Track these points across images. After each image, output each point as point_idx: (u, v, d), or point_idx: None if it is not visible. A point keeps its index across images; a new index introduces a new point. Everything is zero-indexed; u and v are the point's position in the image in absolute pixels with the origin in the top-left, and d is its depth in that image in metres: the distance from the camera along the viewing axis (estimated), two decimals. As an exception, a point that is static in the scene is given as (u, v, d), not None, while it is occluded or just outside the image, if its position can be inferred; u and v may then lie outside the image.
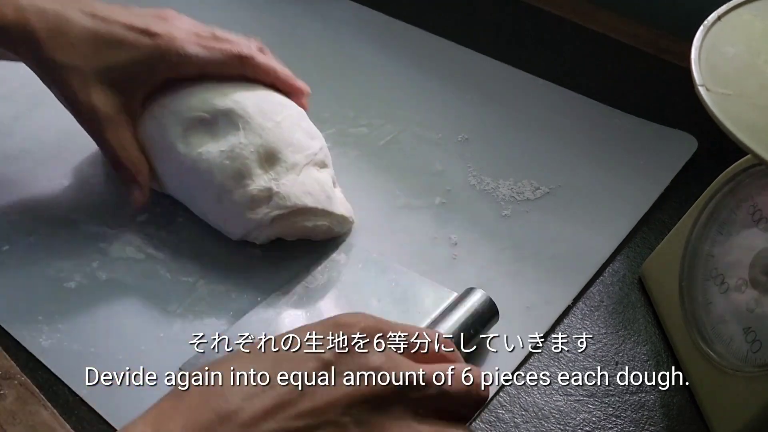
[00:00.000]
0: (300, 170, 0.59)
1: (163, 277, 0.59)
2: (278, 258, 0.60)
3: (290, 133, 0.60)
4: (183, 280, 0.59)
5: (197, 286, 0.58)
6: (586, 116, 0.74)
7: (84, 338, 0.55)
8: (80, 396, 0.52)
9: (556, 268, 0.60)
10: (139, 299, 0.57)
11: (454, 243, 0.62)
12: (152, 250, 0.61)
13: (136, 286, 0.58)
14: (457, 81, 0.78)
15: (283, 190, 0.58)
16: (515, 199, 0.66)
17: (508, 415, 0.52)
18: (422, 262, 0.61)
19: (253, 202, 0.58)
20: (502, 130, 0.72)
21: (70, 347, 0.54)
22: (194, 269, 0.59)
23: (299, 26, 0.84)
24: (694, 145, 0.70)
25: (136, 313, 0.56)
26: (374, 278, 0.59)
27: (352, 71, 0.79)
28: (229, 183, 0.58)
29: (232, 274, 0.59)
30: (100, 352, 0.54)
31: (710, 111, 0.44)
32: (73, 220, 0.62)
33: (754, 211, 0.51)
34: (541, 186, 0.67)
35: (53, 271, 0.58)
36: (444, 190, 0.66)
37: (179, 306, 0.57)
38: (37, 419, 0.51)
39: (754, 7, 0.50)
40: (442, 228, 0.63)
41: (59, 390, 0.52)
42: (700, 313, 0.53)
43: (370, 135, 0.72)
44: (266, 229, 0.58)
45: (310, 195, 0.58)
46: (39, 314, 0.56)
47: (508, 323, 0.56)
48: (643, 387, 0.54)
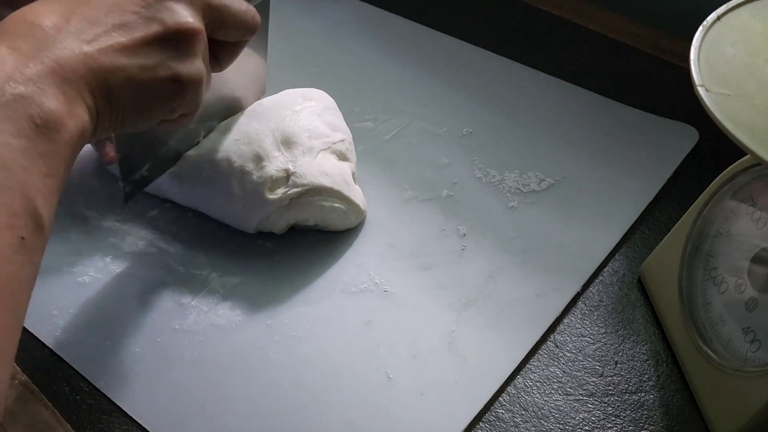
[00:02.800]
0: (316, 154, 0.60)
1: (176, 270, 0.59)
2: (288, 251, 0.61)
3: (309, 121, 0.62)
4: (196, 273, 0.59)
5: (210, 279, 0.59)
6: (588, 109, 0.75)
7: (100, 331, 0.55)
8: (98, 388, 0.52)
9: (563, 257, 0.61)
10: (153, 292, 0.58)
11: (463, 234, 0.63)
12: (164, 244, 0.61)
13: (150, 280, 0.59)
14: (461, 76, 0.78)
15: (300, 169, 0.59)
16: (521, 190, 0.66)
17: (508, 414, 0.53)
18: (432, 253, 0.61)
19: (273, 183, 0.59)
20: (506, 124, 0.73)
21: (86, 340, 0.55)
22: (206, 262, 0.60)
23: (303, 23, 0.85)
24: (696, 136, 0.71)
25: (150, 306, 0.57)
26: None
27: (357, 68, 0.79)
28: (248, 165, 0.59)
29: (244, 266, 0.60)
30: (116, 344, 0.54)
31: (709, 111, 0.44)
32: (85, 216, 0.62)
33: (753, 211, 0.52)
34: (547, 177, 0.67)
35: (67, 267, 0.59)
36: (450, 183, 0.67)
37: (193, 298, 0.57)
38: (37, 419, 0.51)
39: (754, 8, 0.50)
40: (450, 220, 0.64)
41: (60, 390, 0.53)
42: (699, 313, 0.54)
43: (375, 130, 0.72)
44: (285, 213, 0.59)
45: (326, 175, 0.60)
46: (54, 309, 0.56)
47: (518, 311, 0.57)
48: (643, 387, 0.54)
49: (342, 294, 0.58)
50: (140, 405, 0.52)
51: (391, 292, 0.58)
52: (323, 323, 0.56)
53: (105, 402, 0.52)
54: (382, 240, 0.62)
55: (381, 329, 0.56)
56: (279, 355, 0.54)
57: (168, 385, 0.53)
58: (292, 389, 0.53)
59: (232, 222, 0.61)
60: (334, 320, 0.56)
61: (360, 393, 0.52)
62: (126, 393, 0.52)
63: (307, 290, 0.58)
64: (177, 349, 0.54)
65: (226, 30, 0.48)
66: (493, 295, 0.58)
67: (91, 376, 0.53)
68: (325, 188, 0.59)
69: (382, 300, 0.58)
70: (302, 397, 0.52)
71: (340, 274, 0.60)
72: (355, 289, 0.58)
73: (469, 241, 0.62)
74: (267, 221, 0.60)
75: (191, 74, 0.45)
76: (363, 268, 0.60)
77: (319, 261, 0.60)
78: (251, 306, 0.57)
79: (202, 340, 0.55)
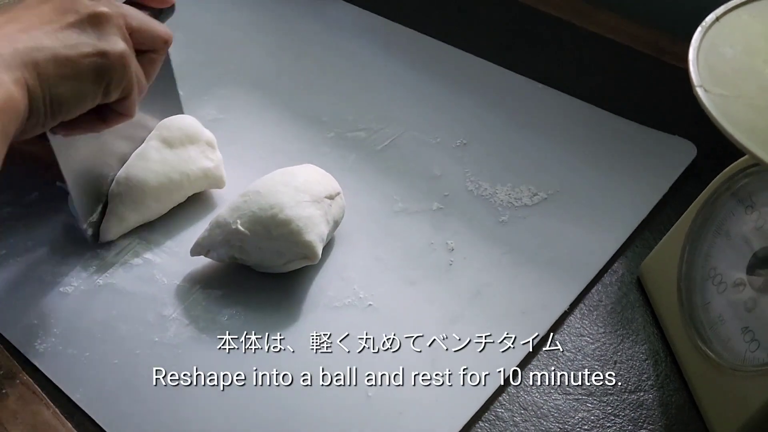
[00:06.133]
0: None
1: (160, 281, 0.59)
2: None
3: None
4: (179, 285, 0.59)
5: (193, 291, 0.58)
6: (584, 121, 0.74)
7: (79, 342, 0.55)
8: (74, 400, 0.52)
9: (552, 274, 0.60)
10: (135, 304, 0.57)
11: (451, 249, 0.62)
12: (149, 255, 0.61)
13: (133, 291, 0.58)
14: (456, 85, 0.77)
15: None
16: (513, 204, 0.66)
17: (507, 414, 0.52)
18: (419, 267, 0.61)
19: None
20: (500, 135, 0.72)
21: (65, 351, 0.54)
22: (190, 274, 0.59)
23: (299, 30, 0.84)
24: (693, 152, 0.69)
25: (131, 317, 0.56)
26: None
27: (351, 75, 0.79)
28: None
29: (228, 279, 0.59)
30: (95, 356, 0.54)
31: (708, 112, 0.44)
32: (70, 226, 0.62)
33: (751, 212, 0.51)
34: (539, 192, 0.66)
35: (50, 276, 0.59)
36: (441, 195, 0.66)
37: (174, 310, 0.57)
38: (38, 419, 0.51)
39: (753, 8, 0.50)
40: (439, 233, 0.63)
41: (61, 390, 0.52)
42: (698, 313, 0.53)
43: (368, 139, 0.72)
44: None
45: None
46: (35, 318, 0.56)
47: (504, 327, 0.56)
48: (642, 386, 0.54)
49: (325, 308, 0.58)
50: (117, 418, 0.51)
51: (375, 306, 0.58)
52: (306, 338, 0.56)
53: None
54: (370, 253, 0.62)
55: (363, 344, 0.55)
56: (259, 370, 0.54)
57: (144, 398, 0.52)
58: (270, 405, 0.52)
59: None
60: (316, 335, 0.56)
61: (339, 410, 0.52)
62: (102, 405, 0.52)
63: (291, 304, 0.58)
64: (155, 361, 0.54)
65: (142, 38, 0.53)
66: (478, 311, 0.58)
67: (67, 389, 0.52)
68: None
69: (365, 314, 0.57)
70: (280, 414, 0.52)
71: (324, 288, 0.59)
72: (339, 304, 0.58)
73: (457, 255, 0.61)
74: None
75: (114, 49, 0.49)
76: (348, 282, 0.59)
77: (303, 274, 0.60)
78: (233, 319, 0.57)
79: (182, 353, 0.54)
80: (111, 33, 0.49)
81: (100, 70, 0.49)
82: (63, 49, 0.47)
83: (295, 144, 0.71)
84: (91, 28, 0.48)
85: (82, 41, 0.48)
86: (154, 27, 0.53)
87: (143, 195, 0.61)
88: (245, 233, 0.57)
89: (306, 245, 0.57)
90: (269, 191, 0.58)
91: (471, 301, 0.58)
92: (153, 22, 0.54)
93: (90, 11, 0.48)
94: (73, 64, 0.47)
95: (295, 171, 0.61)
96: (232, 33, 0.84)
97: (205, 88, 0.76)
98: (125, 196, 0.61)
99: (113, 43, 0.49)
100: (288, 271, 0.59)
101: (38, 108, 0.46)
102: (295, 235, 0.57)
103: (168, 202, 0.63)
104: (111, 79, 0.50)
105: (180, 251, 0.61)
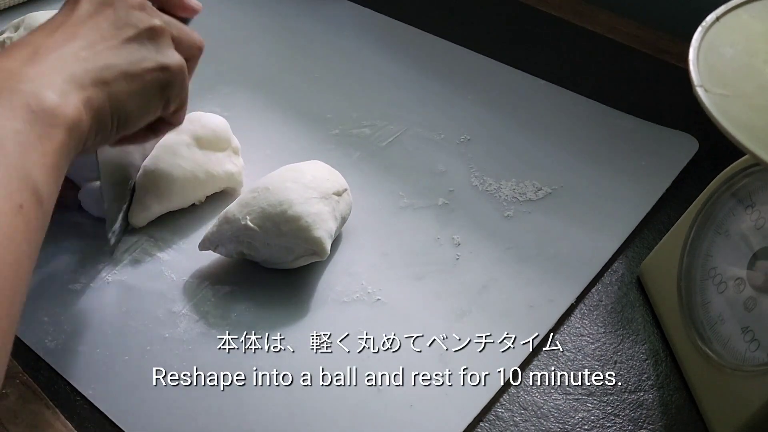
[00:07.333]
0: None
1: (168, 278, 0.59)
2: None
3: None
4: (188, 281, 0.59)
5: (202, 287, 0.58)
6: (587, 117, 0.74)
7: (89, 339, 0.55)
8: (86, 396, 0.52)
9: (558, 268, 0.61)
10: (145, 300, 0.57)
11: (458, 243, 0.62)
12: (158, 252, 0.61)
13: (142, 288, 0.58)
14: (459, 82, 0.78)
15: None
16: (517, 199, 0.66)
17: (507, 413, 0.52)
18: (426, 263, 0.61)
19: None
20: (504, 131, 0.73)
21: (75, 348, 0.54)
22: (198, 270, 0.60)
23: (301, 28, 0.85)
24: (695, 146, 0.70)
25: (141, 313, 0.57)
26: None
27: (354, 73, 0.79)
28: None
29: (236, 275, 0.59)
30: (105, 353, 0.54)
31: (708, 111, 0.44)
32: (79, 224, 0.62)
33: (751, 211, 0.51)
34: (543, 187, 0.67)
35: (59, 273, 0.59)
36: (447, 191, 0.67)
37: (184, 306, 0.57)
38: (39, 418, 0.51)
39: (753, 8, 0.50)
40: (445, 228, 0.64)
41: (61, 389, 0.53)
42: (698, 313, 0.54)
43: (372, 136, 0.72)
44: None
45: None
46: (44, 315, 0.56)
47: (513, 322, 0.56)
48: (642, 386, 0.54)
49: (334, 303, 0.58)
50: (129, 415, 0.51)
51: (384, 301, 0.58)
52: (314, 333, 0.56)
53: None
54: (376, 249, 0.62)
55: (372, 339, 0.55)
56: (269, 365, 0.54)
57: (156, 394, 0.52)
58: (281, 400, 0.52)
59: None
60: (325, 330, 0.56)
61: (339, 410, 0.52)
62: (114, 402, 0.52)
63: (300, 300, 0.58)
64: (166, 357, 0.54)
65: (181, 46, 0.52)
66: (486, 306, 0.58)
67: (80, 385, 0.52)
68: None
69: (374, 309, 0.57)
70: (292, 408, 0.52)
71: (332, 284, 0.59)
72: (347, 299, 0.58)
73: (463, 250, 0.62)
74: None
75: (174, 61, 0.50)
76: (355, 278, 0.60)
77: (311, 270, 0.60)
78: (242, 315, 0.57)
79: (192, 348, 0.55)
80: (166, 46, 0.50)
81: (163, 84, 0.49)
82: (128, 66, 0.47)
83: (299, 141, 0.71)
84: (149, 41, 0.48)
85: (143, 56, 0.48)
86: (191, 35, 0.53)
87: (169, 188, 0.62)
88: (255, 229, 0.57)
89: (315, 241, 0.57)
90: (278, 188, 0.58)
91: (478, 295, 0.59)
92: (189, 30, 0.54)
93: (146, 25, 0.48)
94: (139, 80, 0.47)
95: (303, 167, 0.61)
96: (234, 31, 0.85)
97: (209, 85, 0.76)
98: (151, 185, 0.61)
99: (171, 56, 0.50)
100: (296, 267, 0.59)
101: (106, 125, 0.47)
102: (304, 232, 0.57)
103: (191, 197, 0.64)
104: (172, 91, 0.50)
105: (188, 248, 0.61)
